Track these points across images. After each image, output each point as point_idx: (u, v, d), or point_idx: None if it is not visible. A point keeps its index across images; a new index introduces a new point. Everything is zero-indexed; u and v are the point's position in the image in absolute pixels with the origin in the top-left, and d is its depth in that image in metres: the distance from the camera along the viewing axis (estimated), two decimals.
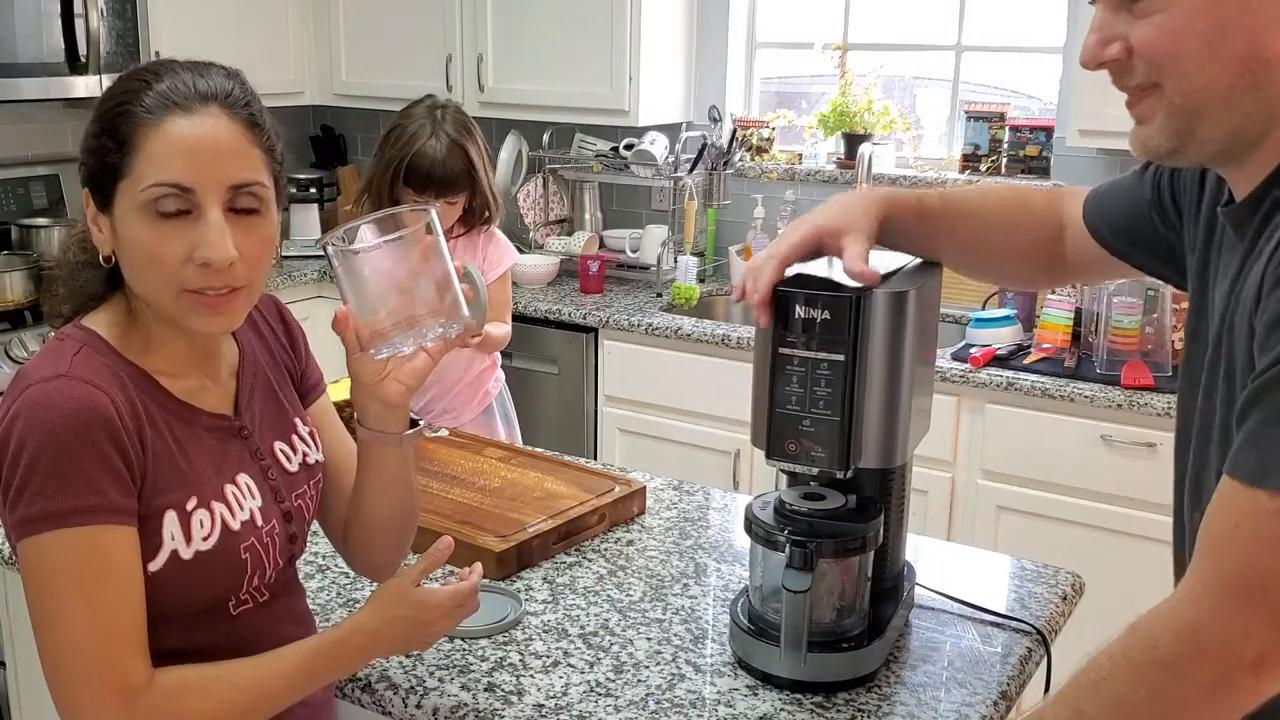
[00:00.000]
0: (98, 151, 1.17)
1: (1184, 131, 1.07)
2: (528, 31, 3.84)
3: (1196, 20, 1.02)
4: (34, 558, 1.12)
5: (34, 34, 3.34)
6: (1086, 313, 3.05)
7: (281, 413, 1.37)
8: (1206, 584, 1.01)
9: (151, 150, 1.15)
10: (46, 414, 1.11)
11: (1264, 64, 1.03)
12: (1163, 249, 1.34)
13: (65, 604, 1.11)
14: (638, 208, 4.16)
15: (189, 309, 1.18)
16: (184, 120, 1.16)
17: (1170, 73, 1.05)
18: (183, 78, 1.18)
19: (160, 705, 1.14)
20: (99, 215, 1.20)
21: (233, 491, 1.25)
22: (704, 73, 3.98)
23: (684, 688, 1.45)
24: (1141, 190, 1.36)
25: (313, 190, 4.27)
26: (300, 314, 4.57)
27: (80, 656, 1.12)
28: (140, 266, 1.18)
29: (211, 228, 1.15)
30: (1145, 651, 1.03)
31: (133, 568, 1.14)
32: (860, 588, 1.47)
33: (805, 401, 1.36)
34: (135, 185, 1.15)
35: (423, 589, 1.30)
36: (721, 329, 3.34)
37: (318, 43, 4.28)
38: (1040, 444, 2.92)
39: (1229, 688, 0.99)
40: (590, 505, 1.88)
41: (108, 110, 1.18)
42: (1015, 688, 1.50)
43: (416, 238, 1.23)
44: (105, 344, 1.20)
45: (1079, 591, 1.76)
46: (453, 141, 2.46)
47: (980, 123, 3.59)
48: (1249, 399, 1.01)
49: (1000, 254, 1.54)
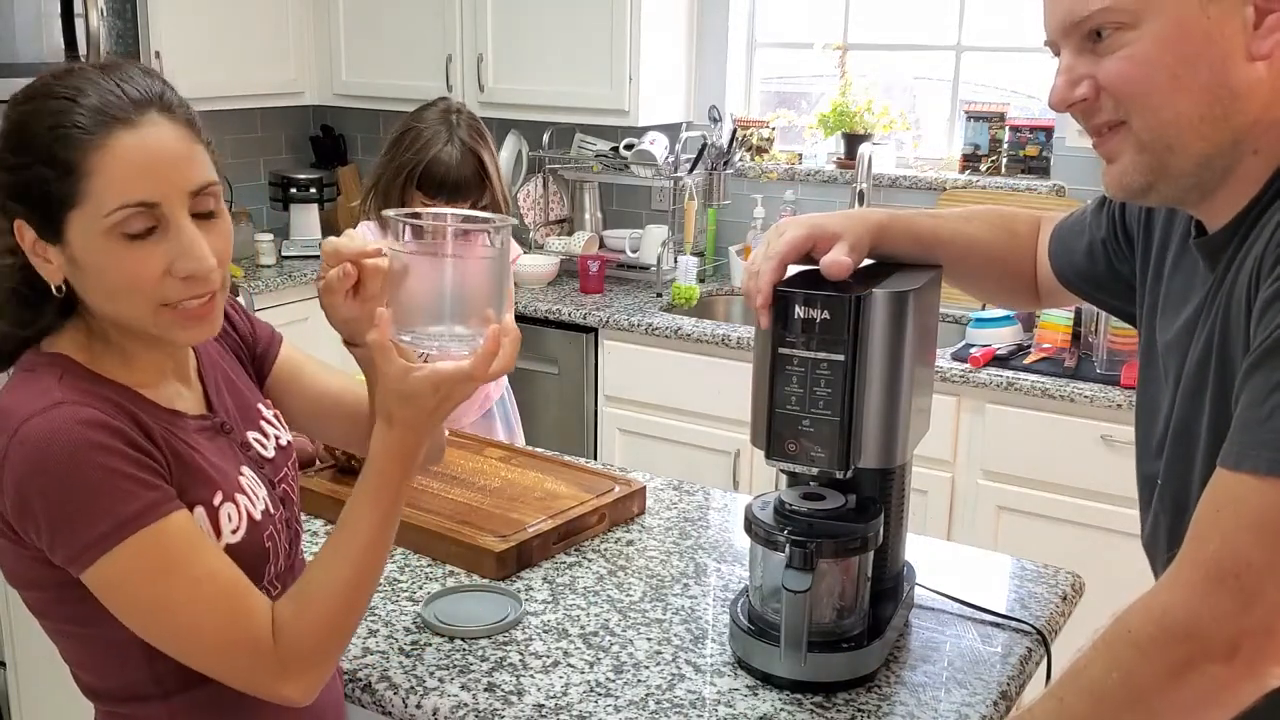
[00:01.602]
0: (36, 182, 1.10)
1: (1155, 167, 1.08)
2: (528, 31, 3.84)
3: (1163, 53, 1.04)
4: (111, 576, 1.10)
5: (34, 34, 3.34)
6: (1086, 313, 3.05)
7: (245, 401, 1.36)
8: (1183, 568, 1.01)
9: (107, 173, 1.09)
10: (59, 442, 1.07)
11: (1231, 94, 1.04)
12: (1120, 286, 1.37)
13: (168, 596, 1.11)
14: (638, 208, 4.16)
15: (170, 324, 1.16)
16: (130, 135, 1.11)
17: (1138, 107, 1.07)
18: (107, 86, 1.12)
19: (294, 627, 1.15)
20: (44, 245, 1.13)
21: (245, 482, 1.25)
22: (704, 73, 3.98)
23: (684, 688, 1.45)
24: (1098, 229, 1.39)
25: (312, 190, 4.26)
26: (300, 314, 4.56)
27: (208, 631, 1.12)
28: (111, 291, 1.14)
29: (189, 239, 1.13)
30: (1121, 635, 1.03)
31: (204, 536, 1.15)
32: (860, 588, 1.47)
33: (805, 401, 1.36)
34: (96, 212, 1.10)
35: (445, 367, 1.18)
36: (721, 329, 3.34)
37: (318, 43, 4.28)
38: (1040, 444, 2.92)
39: (1195, 672, 0.98)
40: (590, 505, 1.88)
41: (36, 136, 1.10)
42: (1015, 688, 1.50)
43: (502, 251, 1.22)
44: (81, 367, 1.16)
45: (1079, 591, 1.76)
46: (467, 148, 2.46)
47: (980, 123, 3.59)
48: (1239, 386, 1.02)
49: (985, 279, 1.57)
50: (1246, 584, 0.96)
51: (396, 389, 1.18)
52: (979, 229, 1.51)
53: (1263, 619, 0.96)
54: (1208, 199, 1.12)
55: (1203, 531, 1.01)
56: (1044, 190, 3.45)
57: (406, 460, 1.21)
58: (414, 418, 1.19)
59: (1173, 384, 1.19)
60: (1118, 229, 1.35)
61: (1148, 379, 1.27)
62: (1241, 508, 0.97)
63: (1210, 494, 1.02)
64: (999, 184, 3.52)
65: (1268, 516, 0.96)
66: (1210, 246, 1.13)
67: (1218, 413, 1.10)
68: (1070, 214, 1.48)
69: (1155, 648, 1.00)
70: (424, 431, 1.21)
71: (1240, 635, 0.96)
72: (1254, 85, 1.04)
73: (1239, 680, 0.98)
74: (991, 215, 1.54)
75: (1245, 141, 1.06)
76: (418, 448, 1.22)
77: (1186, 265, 1.19)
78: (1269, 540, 0.96)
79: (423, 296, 1.20)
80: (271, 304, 3.84)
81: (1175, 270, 1.22)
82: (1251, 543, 0.96)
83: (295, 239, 4.25)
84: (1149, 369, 1.26)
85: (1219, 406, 1.10)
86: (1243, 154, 1.07)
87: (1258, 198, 1.08)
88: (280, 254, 4.16)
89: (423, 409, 1.19)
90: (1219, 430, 1.06)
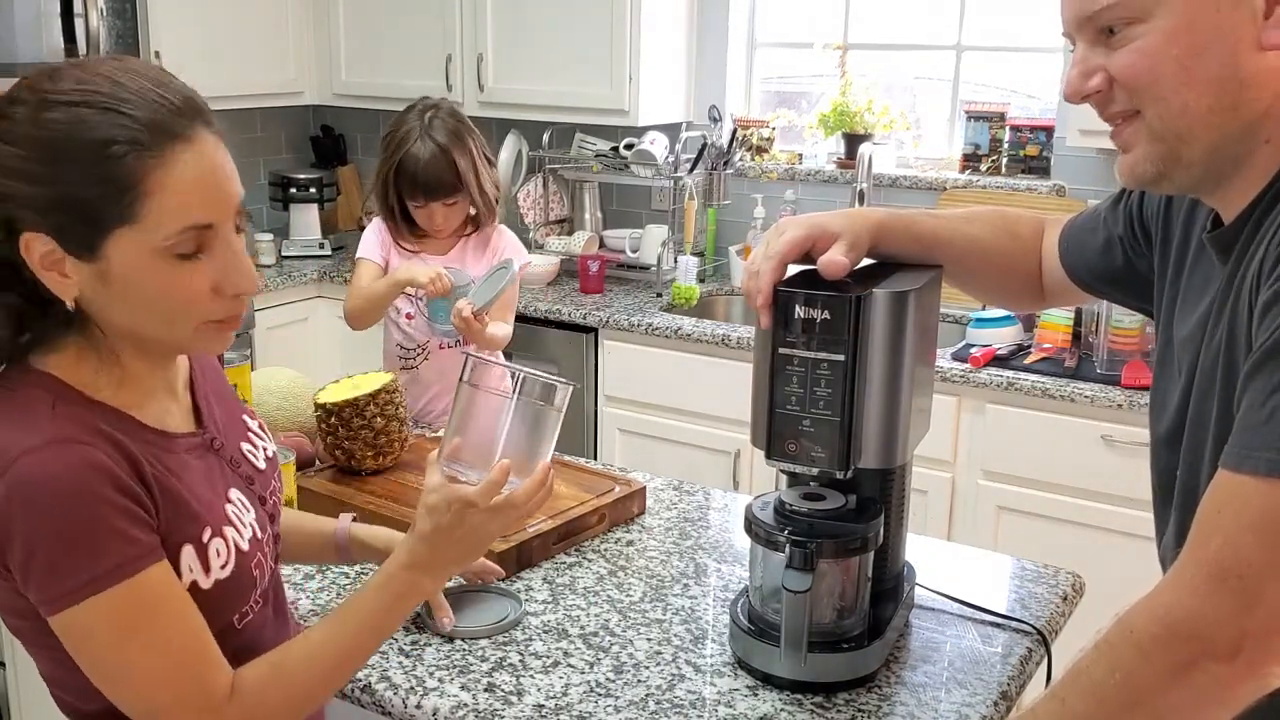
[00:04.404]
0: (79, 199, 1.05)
1: (1168, 156, 1.09)
2: (528, 31, 3.84)
3: (1171, 45, 1.05)
4: (81, 626, 1.08)
5: (34, 33, 3.35)
6: (1087, 313, 3.05)
7: (233, 413, 1.34)
8: (1185, 568, 1.02)
9: (167, 193, 1.06)
10: (50, 488, 1.04)
11: (1240, 84, 1.05)
12: (1138, 283, 1.37)
13: (128, 656, 1.10)
14: (638, 208, 4.16)
15: (207, 337, 1.15)
16: (186, 151, 1.07)
17: (1149, 98, 1.08)
18: (152, 93, 1.07)
19: (248, 707, 1.14)
20: (63, 261, 1.08)
21: (232, 511, 1.23)
22: (704, 73, 3.98)
23: (684, 688, 1.45)
24: (1115, 225, 1.39)
25: (312, 190, 4.27)
26: (300, 314, 4.56)
27: (159, 696, 1.11)
28: (149, 308, 1.11)
29: (237, 257, 1.12)
30: (1123, 635, 1.04)
31: (179, 593, 1.13)
32: (860, 588, 1.47)
33: (805, 402, 1.35)
34: (152, 232, 1.06)
35: (461, 487, 1.25)
36: (721, 329, 3.34)
37: (318, 43, 4.28)
38: (1040, 444, 2.92)
39: (1196, 671, 0.99)
40: (590, 505, 1.88)
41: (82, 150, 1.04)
42: (1015, 688, 1.50)
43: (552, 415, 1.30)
44: (73, 391, 1.12)
45: (1079, 591, 1.76)
46: (437, 145, 2.48)
47: (980, 123, 3.59)
48: (1240, 388, 1.02)
49: (985, 279, 1.57)
50: (1249, 584, 0.96)
51: (424, 501, 1.26)
52: (980, 230, 1.51)
53: (1265, 619, 0.96)
54: (1221, 188, 1.12)
55: (1205, 532, 1.01)
56: (1044, 190, 3.45)
57: (415, 570, 1.25)
58: (431, 532, 1.25)
59: (1185, 380, 1.19)
60: (1135, 225, 1.35)
61: (1162, 375, 1.27)
62: (1243, 509, 0.98)
63: (1212, 495, 1.02)
64: (999, 184, 3.52)
65: (1269, 517, 0.96)
66: (1222, 240, 1.14)
67: (1224, 412, 1.11)
68: (1082, 212, 1.48)
69: (1157, 647, 1.00)
70: (438, 548, 1.25)
71: (1242, 635, 0.97)
72: (1265, 75, 1.05)
73: (1240, 680, 0.98)
74: (993, 216, 1.54)
75: (1257, 131, 1.07)
76: (432, 561, 1.26)
77: (1205, 260, 1.19)
78: (1271, 541, 0.96)
79: (474, 435, 1.30)
80: (271, 304, 3.85)
81: (1195, 265, 1.22)
82: (1253, 543, 0.97)
83: (295, 239, 4.25)
84: (1164, 365, 1.26)
85: (1225, 406, 1.10)
86: (1255, 144, 1.08)
87: (1267, 188, 1.08)
88: (280, 254, 4.17)
89: (439, 525, 1.24)
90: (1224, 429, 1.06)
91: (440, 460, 1.28)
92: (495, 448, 1.27)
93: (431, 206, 2.54)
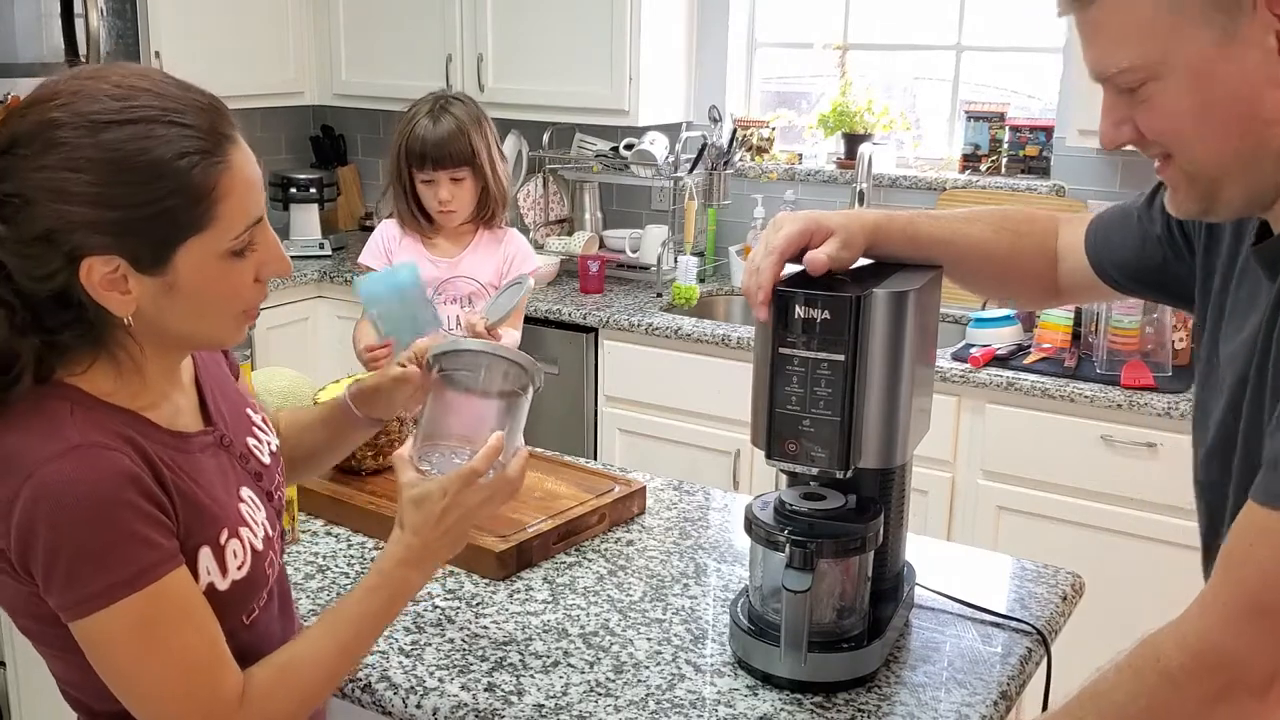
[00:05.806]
0: (158, 215, 1.04)
1: (1206, 195, 1.10)
2: (528, 31, 3.84)
3: (1186, 100, 1.04)
4: (101, 632, 1.09)
5: (34, 34, 3.35)
6: (1087, 313, 3.05)
7: (237, 407, 1.34)
8: (1217, 599, 1.01)
9: (233, 194, 1.08)
10: (73, 493, 1.04)
11: (1264, 124, 1.04)
12: (1174, 283, 1.35)
13: (144, 663, 1.10)
14: (638, 208, 4.16)
15: (240, 326, 1.18)
16: (237, 151, 1.10)
17: (1175, 149, 1.08)
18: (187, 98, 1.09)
19: (257, 710, 1.15)
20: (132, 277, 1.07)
21: (246, 511, 1.24)
22: (704, 73, 3.98)
23: (684, 688, 1.45)
24: (1151, 224, 1.36)
25: (312, 190, 4.27)
26: (300, 314, 4.57)
27: (172, 701, 1.12)
28: (203, 309, 1.12)
29: (273, 243, 1.15)
30: (1149, 662, 1.03)
31: (196, 598, 1.13)
32: (860, 588, 1.47)
33: (805, 401, 1.36)
34: (223, 234, 1.08)
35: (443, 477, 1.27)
36: (721, 329, 3.34)
37: (318, 43, 4.28)
38: (1040, 444, 2.92)
39: (1228, 705, 0.99)
40: (590, 505, 1.88)
41: (160, 165, 1.04)
42: (1015, 688, 1.50)
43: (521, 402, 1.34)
44: (91, 398, 1.12)
45: (1079, 591, 1.76)
46: (452, 116, 2.54)
47: (980, 123, 3.59)
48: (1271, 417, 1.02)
49: (986, 279, 1.56)
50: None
51: (408, 495, 1.26)
52: (980, 230, 1.50)
53: None
54: (1270, 210, 1.12)
55: (1237, 564, 1.01)
56: (1044, 190, 3.45)
57: (409, 565, 1.26)
58: (423, 523, 1.25)
59: (1229, 396, 1.18)
60: (1174, 227, 1.33)
61: (1205, 386, 1.25)
62: (1276, 542, 0.98)
63: (1243, 526, 1.01)
64: (999, 184, 3.52)
65: None
66: (1268, 255, 1.13)
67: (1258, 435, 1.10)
68: (1111, 207, 1.46)
69: (1188, 678, 1.00)
70: (431, 538, 1.26)
71: (1277, 670, 0.97)
72: None
73: (1272, 714, 0.99)
74: (995, 216, 1.53)
75: None
76: (424, 554, 1.27)
77: (1252, 273, 1.18)
78: None
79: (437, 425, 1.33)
80: (271, 304, 3.85)
81: (1243, 276, 1.20)
82: None
83: (295, 239, 4.25)
84: (1207, 378, 1.24)
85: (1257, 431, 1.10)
86: None
87: None
88: None
89: (431, 513, 1.25)
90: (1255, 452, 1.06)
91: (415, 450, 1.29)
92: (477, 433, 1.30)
93: (439, 179, 2.55)
